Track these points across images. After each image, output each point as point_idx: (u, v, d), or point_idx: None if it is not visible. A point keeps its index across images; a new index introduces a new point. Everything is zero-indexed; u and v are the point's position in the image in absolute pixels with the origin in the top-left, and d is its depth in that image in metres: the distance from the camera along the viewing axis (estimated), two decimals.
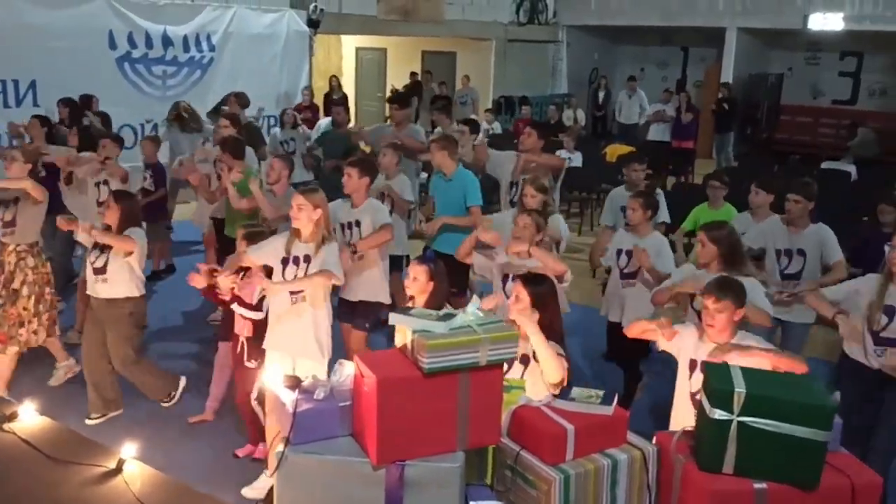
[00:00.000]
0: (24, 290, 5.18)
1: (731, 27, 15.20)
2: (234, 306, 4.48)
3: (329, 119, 11.41)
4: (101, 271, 4.82)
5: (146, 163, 7.63)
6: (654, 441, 3.06)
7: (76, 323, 6.05)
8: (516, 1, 16.50)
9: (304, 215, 4.14)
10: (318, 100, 13.49)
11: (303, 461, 2.76)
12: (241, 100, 9.61)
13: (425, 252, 5.92)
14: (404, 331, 2.87)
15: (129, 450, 4.34)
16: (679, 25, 15.87)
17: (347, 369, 2.95)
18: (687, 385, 3.52)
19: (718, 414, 2.79)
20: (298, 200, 4.15)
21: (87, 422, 5.00)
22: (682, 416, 3.43)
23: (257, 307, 4.42)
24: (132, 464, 4.28)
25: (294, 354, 4.21)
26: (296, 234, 4.21)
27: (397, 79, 16.32)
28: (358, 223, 5.05)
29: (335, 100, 12.92)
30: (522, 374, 3.53)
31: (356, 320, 5.11)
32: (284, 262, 4.19)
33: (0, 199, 5.19)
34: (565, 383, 3.39)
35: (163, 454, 4.48)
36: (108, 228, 4.83)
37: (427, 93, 14.85)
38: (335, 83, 13.61)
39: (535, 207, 4.96)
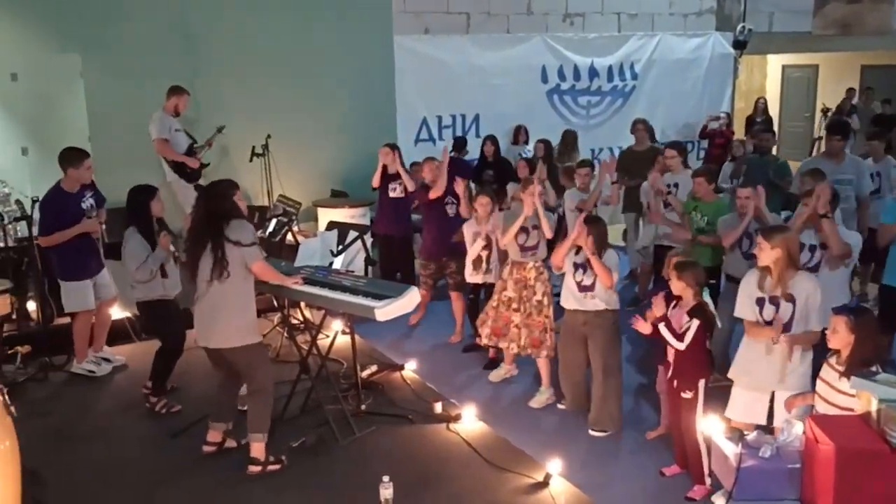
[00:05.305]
0: (545, 300, 5.64)
1: None
2: (662, 327, 4.39)
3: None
4: (589, 288, 5.10)
5: None
6: None
7: None
8: None
9: (764, 256, 4.05)
10: (740, 121, 12.96)
11: None
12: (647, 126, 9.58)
13: None
14: (867, 397, 2.60)
15: (555, 465, 4.61)
16: None
17: (797, 429, 2.77)
18: None
19: None
20: (762, 239, 4.08)
21: (591, 432, 5.12)
22: None
23: (680, 337, 4.34)
24: (557, 479, 4.55)
25: (769, 387, 4.04)
26: (767, 271, 4.11)
27: (828, 97, 14.90)
28: None
29: (758, 123, 12.32)
30: None
31: None
32: (759, 302, 4.12)
33: (525, 228, 5.62)
34: None
35: (585, 472, 4.62)
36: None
37: (867, 112, 13.33)
38: (762, 105, 12.92)
39: None
